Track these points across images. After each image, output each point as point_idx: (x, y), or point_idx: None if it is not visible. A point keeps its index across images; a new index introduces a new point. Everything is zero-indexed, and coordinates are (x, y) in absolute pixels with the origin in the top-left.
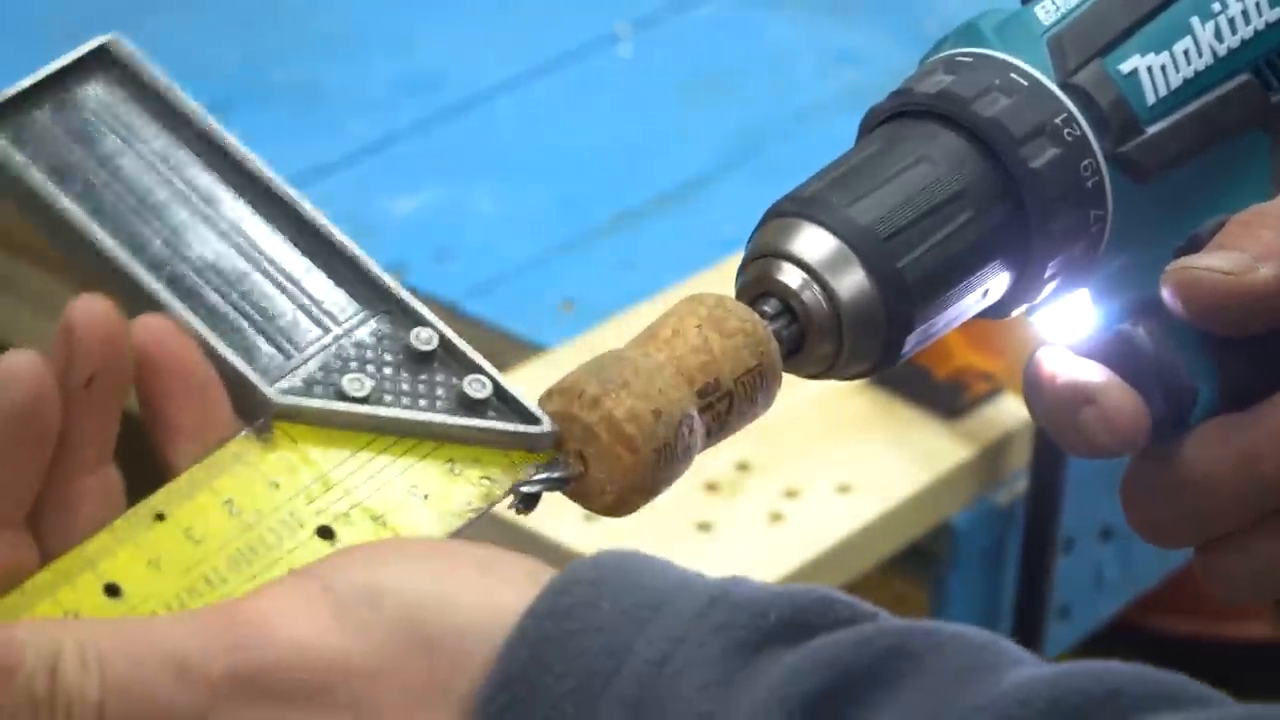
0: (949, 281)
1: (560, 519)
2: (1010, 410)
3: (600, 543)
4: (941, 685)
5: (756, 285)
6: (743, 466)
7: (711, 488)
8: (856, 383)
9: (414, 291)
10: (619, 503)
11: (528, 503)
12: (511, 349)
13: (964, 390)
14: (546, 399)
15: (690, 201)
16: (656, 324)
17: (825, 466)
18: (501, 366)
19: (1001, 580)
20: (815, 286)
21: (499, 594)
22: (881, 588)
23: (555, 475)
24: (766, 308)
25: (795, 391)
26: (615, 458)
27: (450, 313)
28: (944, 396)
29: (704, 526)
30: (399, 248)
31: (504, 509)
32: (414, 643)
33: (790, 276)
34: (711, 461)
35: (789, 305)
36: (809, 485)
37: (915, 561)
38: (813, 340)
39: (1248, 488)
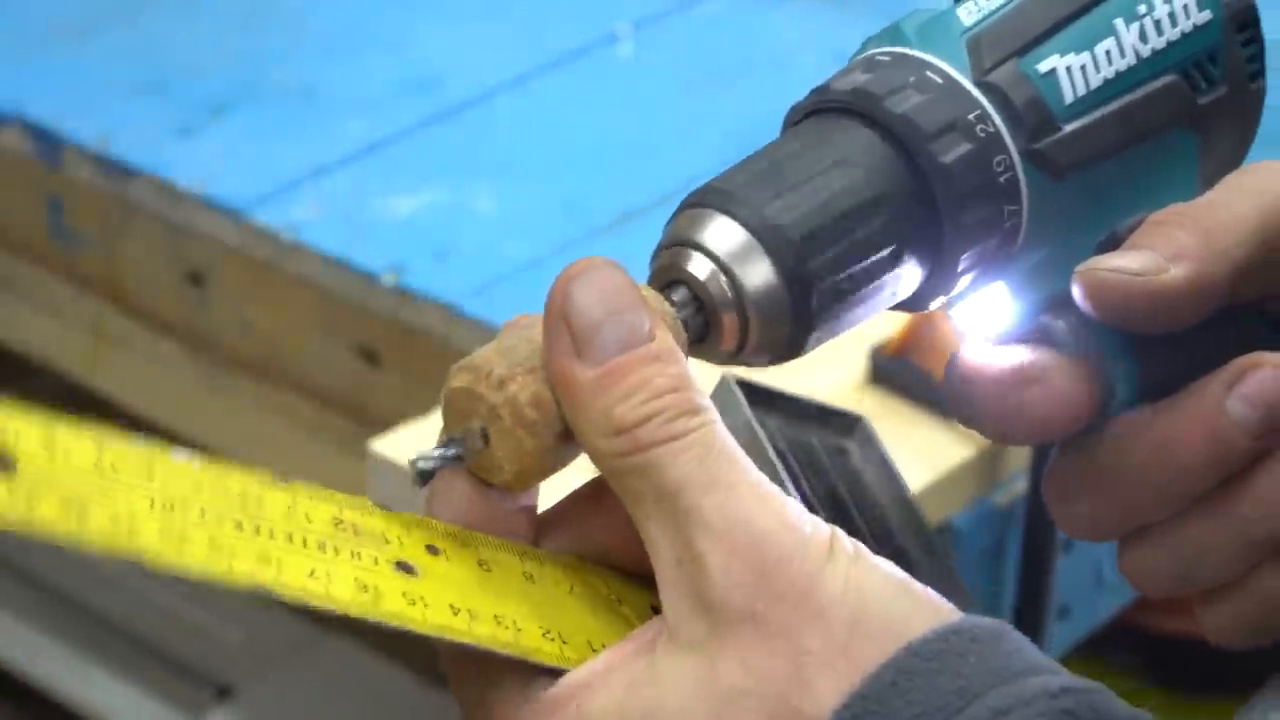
0: (859, 281)
1: None
2: None
3: None
4: None
5: (666, 273)
6: None
7: None
8: (856, 383)
9: (414, 292)
10: (516, 480)
11: (423, 477)
12: None
13: None
14: (455, 373)
15: None
16: None
17: None
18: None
19: (1001, 580)
20: (723, 277)
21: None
22: None
23: (452, 453)
24: (675, 295)
25: (795, 392)
26: (516, 440)
27: (450, 313)
28: (944, 396)
29: None
30: (399, 248)
31: None
32: (857, 627)
33: (699, 266)
34: None
35: (696, 294)
36: None
37: None
38: (719, 328)
39: (1166, 477)
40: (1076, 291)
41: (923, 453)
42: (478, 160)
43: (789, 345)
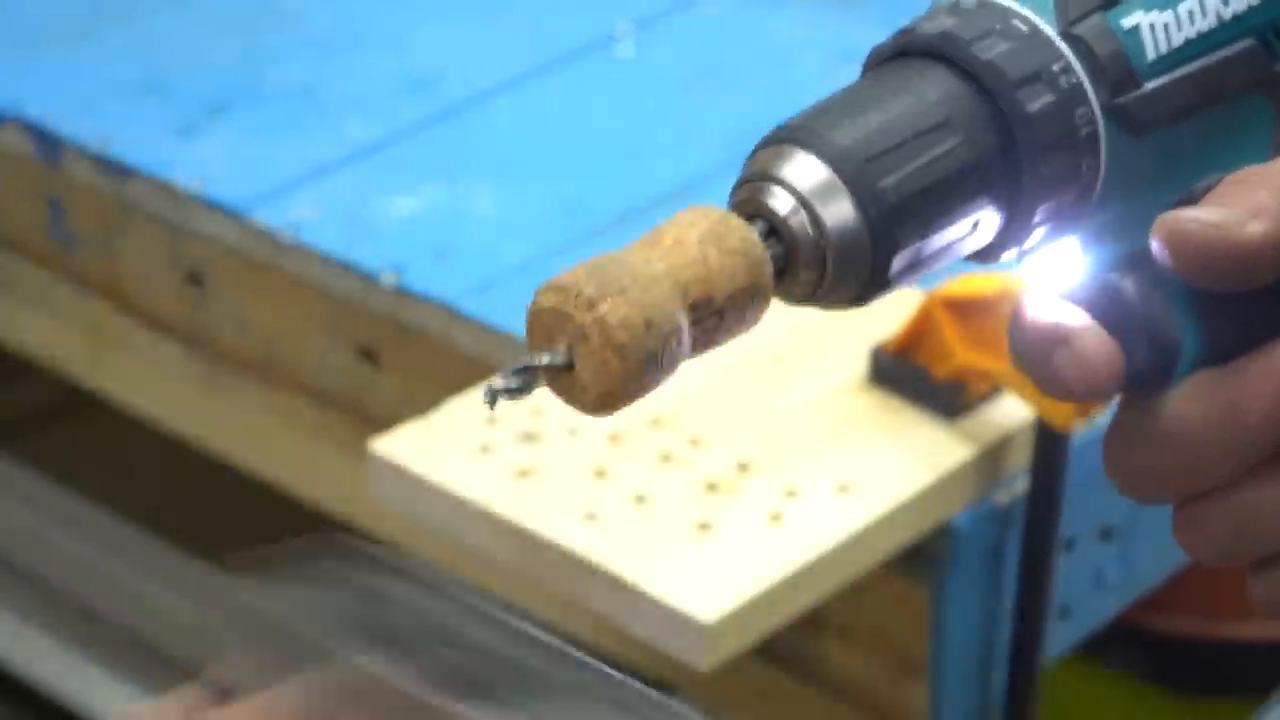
0: (932, 206)
1: (560, 519)
2: (1010, 410)
3: (601, 542)
4: None
5: (745, 207)
6: (743, 466)
7: (711, 488)
8: (856, 383)
9: (414, 292)
10: (598, 404)
11: (513, 394)
12: (511, 349)
13: (964, 390)
14: (542, 293)
15: (690, 201)
16: (660, 229)
17: (825, 466)
18: (501, 366)
19: (1001, 580)
20: (803, 212)
21: None
22: (881, 588)
23: (545, 361)
24: (756, 230)
25: (795, 391)
26: (603, 361)
27: (450, 313)
28: (944, 396)
29: (704, 526)
30: (399, 248)
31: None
32: None
33: (780, 201)
34: (711, 462)
35: (775, 229)
36: (809, 485)
37: (915, 562)
38: (796, 265)
39: (1233, 439)
40: (1155, 243)
41: (923, 453)
42: (478, 160)
43: (867, 286)
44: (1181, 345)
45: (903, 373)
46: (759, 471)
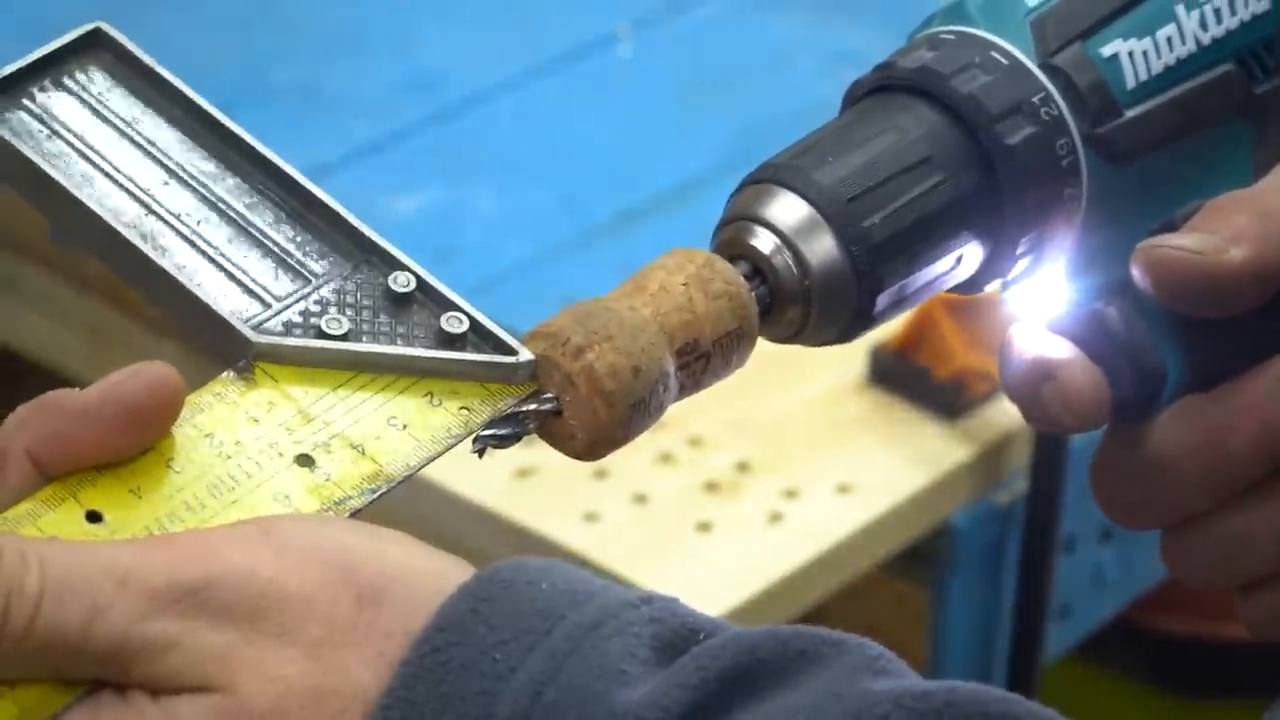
0: (917, 243)
1: (560, 519)
2: (1010, 410)
3: (602, 542)
4: (843, 676)
5: (728, 248)
6: (743, 467)
7: (711, 488)
8: (856, 383)
9: None
10: (586, 451)
11: (502, 442)
12: None
13: (964, 390)
14: (529, 340)
15: (690, 201)
16: (644, 274)
17: (825, 466)
18: None
19: (1001, 580)
20: (787, 252)
21: (438, 561)
22: (881, 588)
23: (532, 408)
24: (739, 271)
25: (795, 392)
26: (591, 409)
27: None
28: (944, 396)
29: (704, 527)
30: (400, 248)
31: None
32: (346, 583)
33: (763, 241)
34: (711, 462)
35: (759, 269)
36: (809, 485)
37: (915, 561)
38: (781, 305)
39: (1216, 467)
40: (1137, 270)
41: (923, 453)
42: (478, 160)
43: (852, 322)
44: (1166, 372)
45: (903, 373)
46: (759, 471)
